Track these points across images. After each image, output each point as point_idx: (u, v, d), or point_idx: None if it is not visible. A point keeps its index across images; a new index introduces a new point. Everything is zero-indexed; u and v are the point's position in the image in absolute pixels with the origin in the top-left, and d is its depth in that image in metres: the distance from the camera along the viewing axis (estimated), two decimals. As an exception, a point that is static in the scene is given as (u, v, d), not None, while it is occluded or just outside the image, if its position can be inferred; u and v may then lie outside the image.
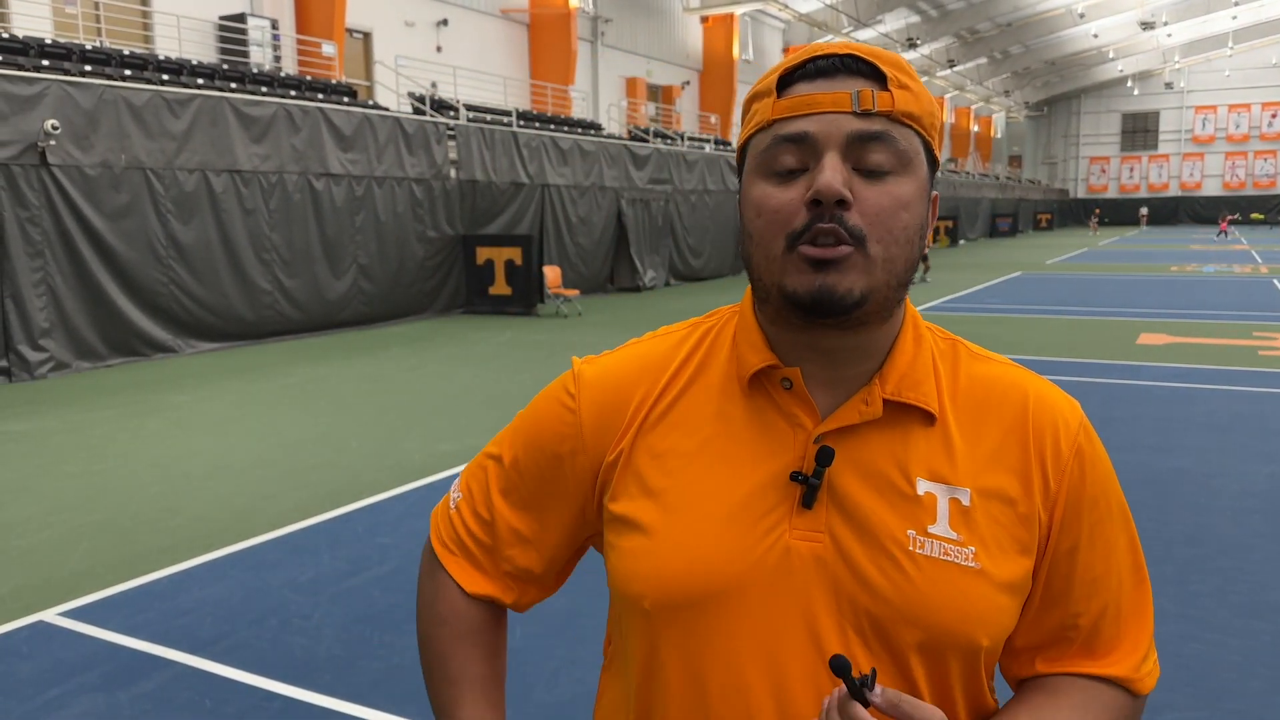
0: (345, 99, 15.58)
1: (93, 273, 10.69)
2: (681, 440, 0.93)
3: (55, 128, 10.07)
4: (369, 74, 20.06)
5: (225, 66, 14.53)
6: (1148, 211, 63.03)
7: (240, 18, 16.41)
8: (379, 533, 5.05)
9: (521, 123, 19.48)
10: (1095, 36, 50.71)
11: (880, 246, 0.83)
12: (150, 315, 11.31)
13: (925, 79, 49.41)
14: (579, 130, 21.24)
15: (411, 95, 18.24)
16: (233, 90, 13.49)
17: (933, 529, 0.86)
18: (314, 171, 13.27)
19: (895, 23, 40.90)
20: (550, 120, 21.20)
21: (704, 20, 32.24)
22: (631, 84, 28.55)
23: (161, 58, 13.59)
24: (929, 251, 20.70)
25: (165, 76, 12.82)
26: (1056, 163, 69.29)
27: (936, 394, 0.90)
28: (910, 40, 40.64)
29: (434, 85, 19.91)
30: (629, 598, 0.93)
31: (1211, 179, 63.84)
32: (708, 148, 25.11)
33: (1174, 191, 64.95)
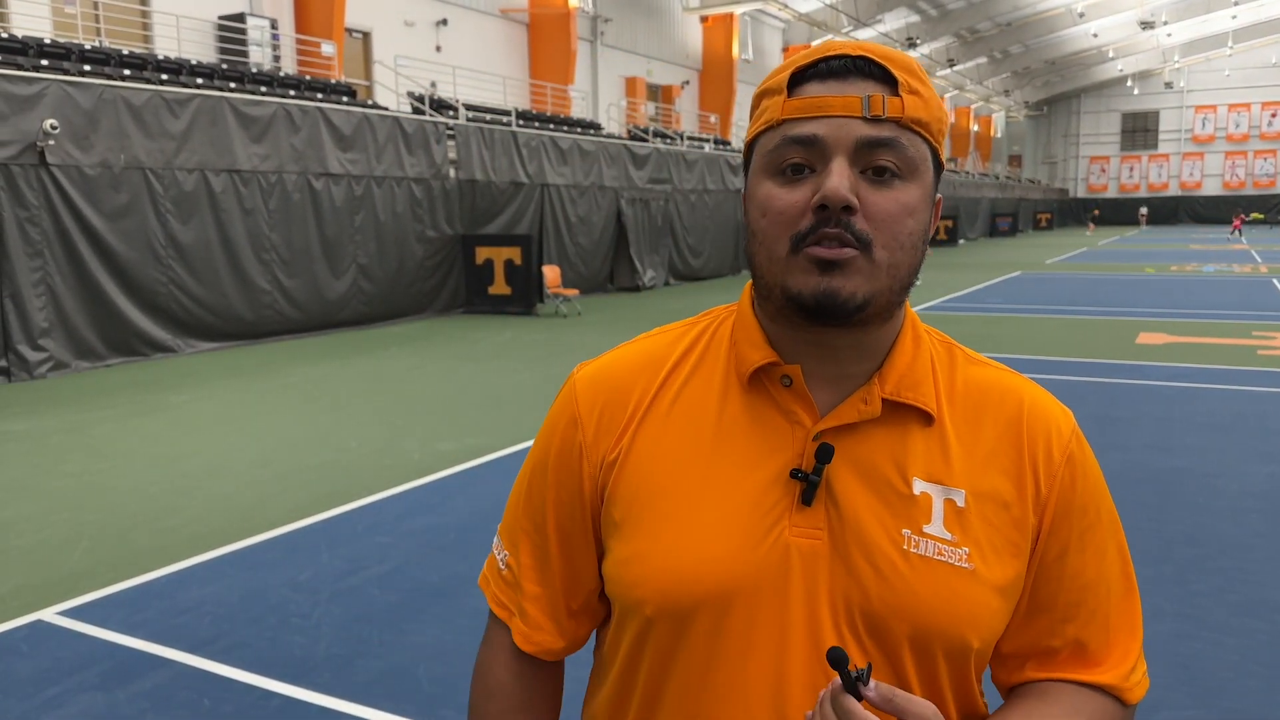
0: (345, 99, 15.59)
1: (92, 272, 10.69)
2: (680, 438, 0.92)
3: (54, 127, 10.07)
4: (368, 74, 20.06)
5: (224, 66, 14.53)
6: (1147, 211, 63.02)
7: (239, 17, 16.41)
8: (378, 532, 5.05)
9: (521, 122, 19.48)
10: (1095, 36, 50.70)
11: (886, 252, 0.84)
12: (149, 315, 11.31)
13: (925, 79, 49.51)
14: (578, 130, 21.24)
15: (411, 95, 18.24)
16: (232, 90, 13.49)
17: (928, 529, 0.87)
18: (313, 171, 13.27)
19: (895, 22, 40.90)
20: (550, 120, 21.21)
21: (704, 20, 32.23)
22: (631, 84, 28.55)
23: (161, 57, 13.60)
24: None
25: (164, 76, 12.82)
26: (1056, 162, 69.29)
27: (935, 395, 0.91)
28: (910, 40, 40.65)
29: (433, 85, 19.91)
30: (630, 604, 0.92)
31: (1211, 178, 63.83)
32: (707, 147, 25.12)
33: (1174, 191, 64.94)
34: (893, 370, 0.90)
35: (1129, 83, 63.83)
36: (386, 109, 15.96)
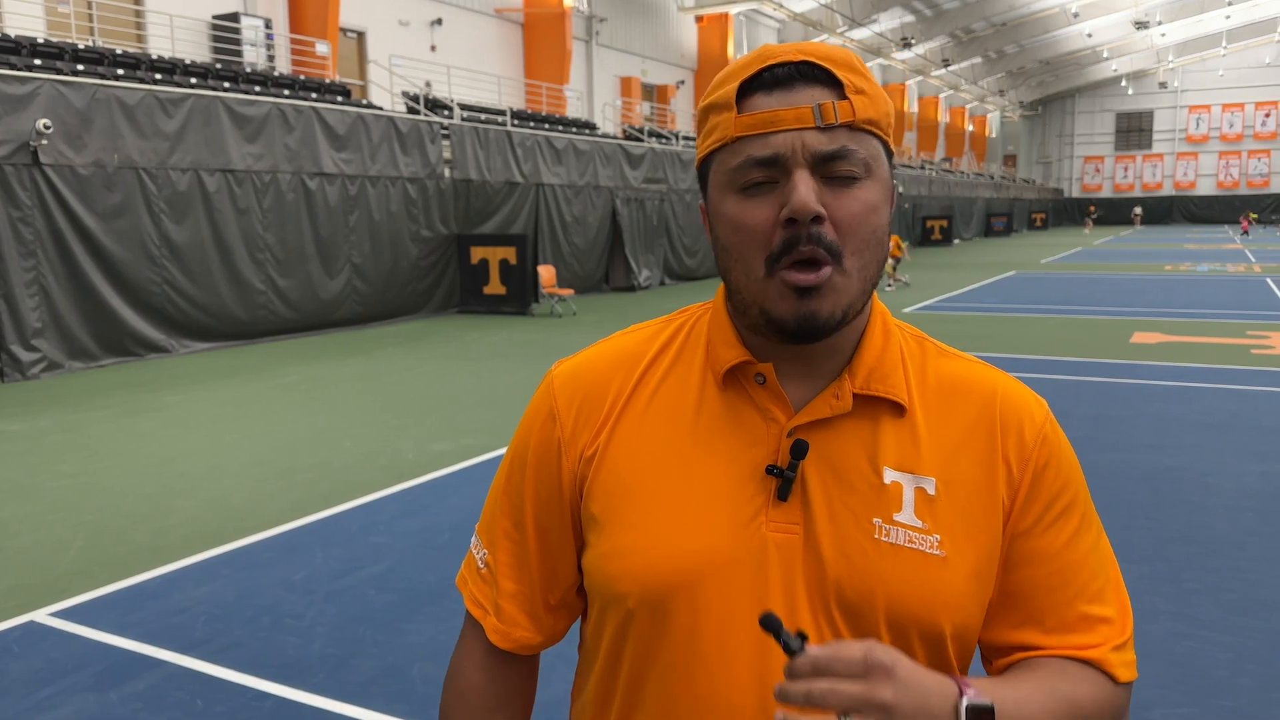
0: (339, 98, 15.56)
1: (85, 273, 10.66)
2: (658, 434, 0.94)
3: (47, 127, 10.04)
4: (363, 73, 20.03)
5: (219, 66, 14.50)
6: (1142, 211, 63.19)
7: (234, 17, 16.38)
8: (373, 532, 5.04)
9: (516, 122, 19.47)
10: (1089, 36, 50.82)
11: (855, 258, 0.86)
12: (143, 315, 11.28)
13: (919, 78, 49.58)
14: (574, 129, 21.23)
15: (406, 95, 18.22)
16: (226, 90, 13.46)
17: (898, 517, 0.88)
18: (308, 171, 13.25)
19: (890, 22, 40.95)
20: (545, 119, 21.20)
21: (699, 20, 32.25)
22: (626, 83, 28.55)
23: (154, 57, 13.57)
24: (902, 259, 20.59)
25: (158, 76, 12.79)
26: (1051, 162, 69.42)
27: (905, 386, 0.92)
28: (905, 39, 40.70)
29: (428, 84, 19.89)
30: (612, 597, 0.93)
31: (1206, 178, 64.00)
32: (703, 147, 25.11)
33: (1168, 191, 65.10)
34: (862, 364, 0.92)
35: (1123, 83, 63.98)
36: (381, 109, 15.94)
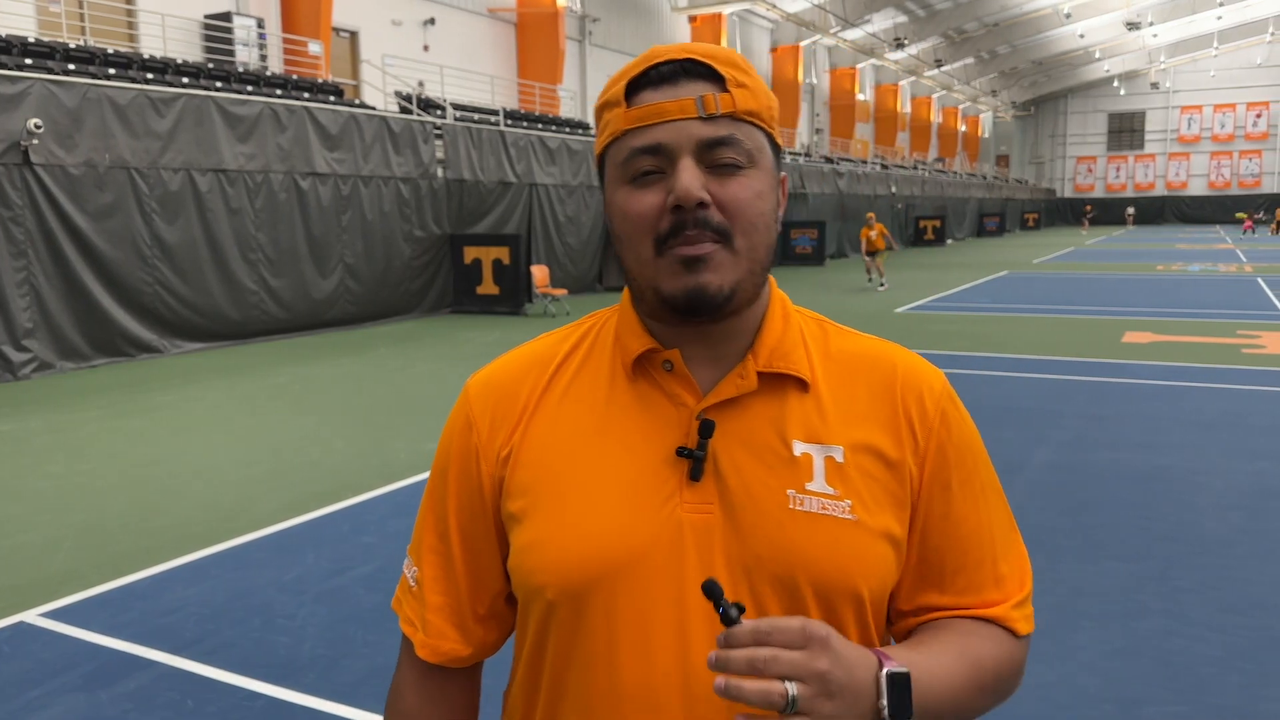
0: (332, 98, 15.54)
1: (77, 273, 10.63)
2: (571, 428, 0.96)
3: (38, 126, 10.01)
4: (356, 73, 20.00)
5: (210, 65, 14.47)
6: (1134, 211, 63.40)
7: (226, 16, 16.35)
8: (364, 532, 5.04)
9: (509, 122, 19.46)
10: (1081, 37, 50.97)
11: (743, 239, 0.90)
12: (135, 315, 11.25)
13: (912, 79, 49.67)
14: (567, 129, 21.23)
15: (398, 94, 18.20)
16: (218, 89, 13.43)
17: (810, 486, 0.91)
18: (300, 171, 13.22)
19: (883, 22, 41.02)
20: (538, 119, 21.19)
21: (692, 20, 32.26)
22: (619, 83, 28.53)
23: (146, 56, 13.53)
24: (884, 259, 20.37)
25: (150, 75, 12.76)
26: (1044, 162, 69.60)
27: (807, 364, 0.96)
28: (898, 40, 40.77)
29: (421, 84, 19.87)
30: (532, 590, 0.94)
31: (1197, 178, 64.22)
32: (696, 147, 25.13)
33: (1160, 191, 65.31)
34: (764, 345, 0.95)
35: (1115, 83, 64.17)
36: (374, 108, 15.92)
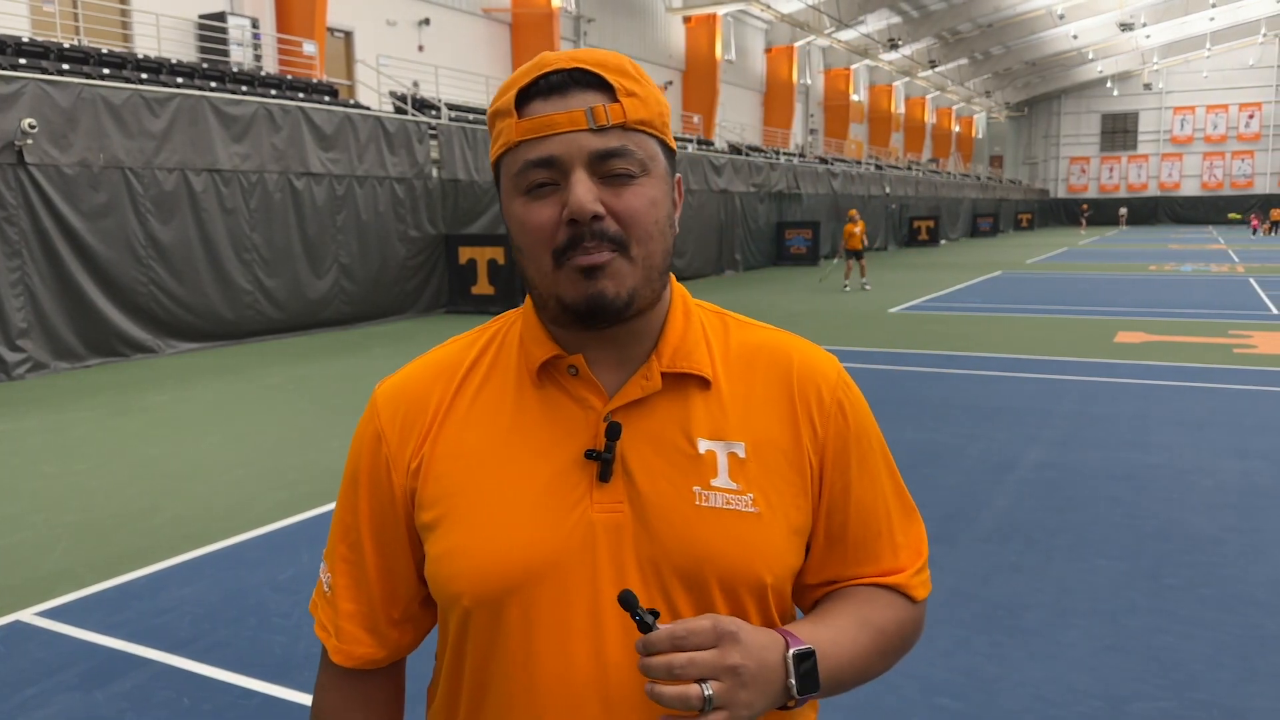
0: (326, 98, 15.53)
1: (71, 273, 10.62)
2: (480, 436, 0.97)
3: (32, 126, 10.00)
4: (350, 73, 19.99)
5: (205, 65, 14.46)
6: (1127, 211, 63.55)
7: (220, 16, 16.33)
8: (359, 531, 5.04)
9: (504, 122, 19.43)
10: (1075, 38, 51.09)
11: (640, 247, 0.91)
12: (129, 315, 11.24)
13: (906, 79, 49.75)
14: (561, 130, 21.17)
15: (393, 94, 18.20)
16: (212, 89, 13.42)
17: (715, 482, 0.94)
18: (295, 171, 13.22)
19: (877, 23, 41.09)
20: (533, 120, 21.13)
21: (687, 20, 32.29)
22: (614, 84, 28.53)
23: (140, 56, 13.52)
24: (865, 259, 20.12)
25: (144, 75, 12.75)
26: (1037, 163, 69.75)
27: (709, 361, 0.98)
28: (892, 41, 40.85)
29: (415, 85, 19.86)
30: (449, 597, 0.96)
31: (1190, 179, 64.42)
32: (690, 148, 25.16)
33: (1153, 191, 65.50)
34: (667, 346, 0.97)
35: (1108, 84, 64.35)
36: (369, 108, 15.91)
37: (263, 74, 15.42)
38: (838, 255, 19.76)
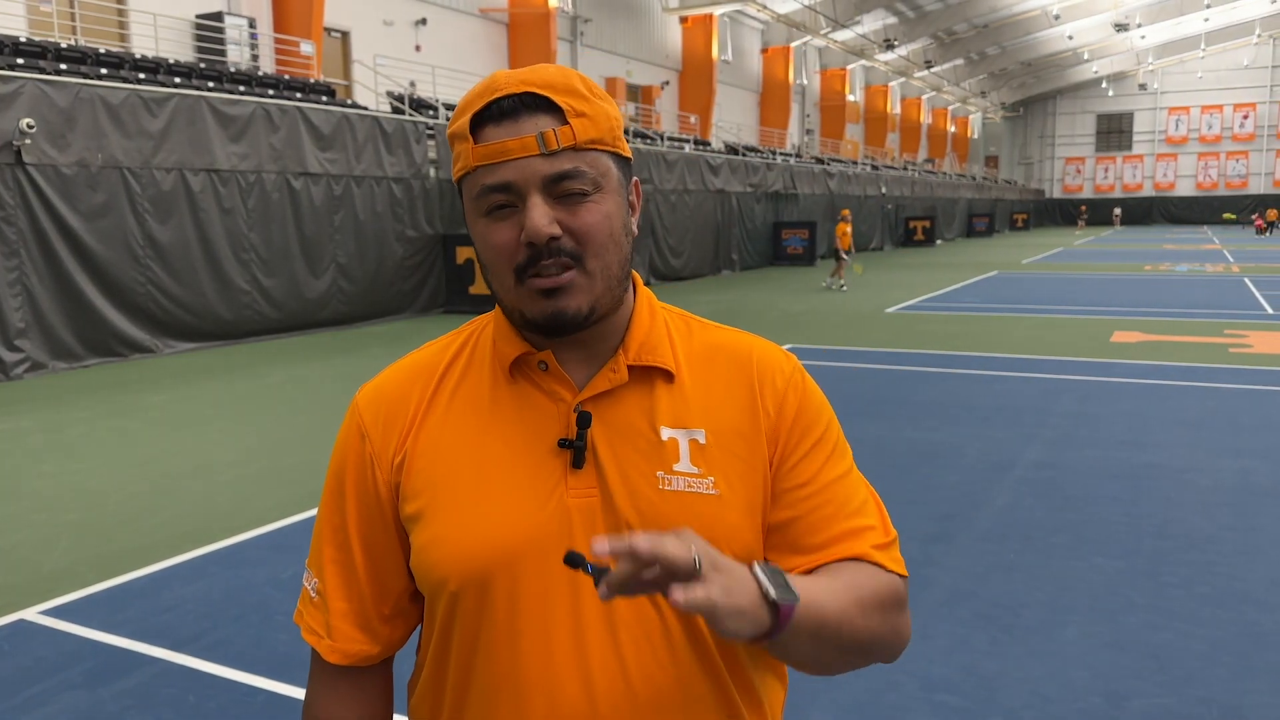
0: (324, 98, 15.53)
1: (69, 272, 10.62)
2: (459, 431, 1.02)
3: (30, 126, 10.00)
4: (347, 73, 19.99)
5: (202, 65, 14.45)
6: (1121, 212, 63.69)
7: (217, 16, 16.33)
8: (360, 530, 5.06)
9: (501, 122, 19.43)
10: (1070, 38, 51.18)
11: (596, 260, 0.96)
12: (127, 315, 11.24)
13: (902, 80, 49.83)
14: (558, 130, 21.17)
15: (390, 94, 18.20)
16: (210, 89, 13.42)
17: (677, 467, 1.00)
18: (292, 171, 13.22)
19: (873, 24, 41.14)
20: (530, 120, 21.13)
21: (683, 21, 32.31)
22: (611, 84, 28.58)
23: (138, 56, 13.51)
24: (848, 263, 20.00)
25: (142, 75, 12.75)
26: (1032, 163, 69.88)
27: (672, 356, 1.04)
28: (888, 41, 40.90)
29: (413, 84, 19.87)
30: (434, 585, 1.00)
31: (1185, 179, 64.57)
32: (687, 148, 25.19)
33: (1148, 191, 65.65)
34: (633, 341, 1.03)
35: (1104, 84, 64.48)
36: (366, 108, 15.92)
37: (260, 74, 15.42)
38: (849, 253, 19.69)
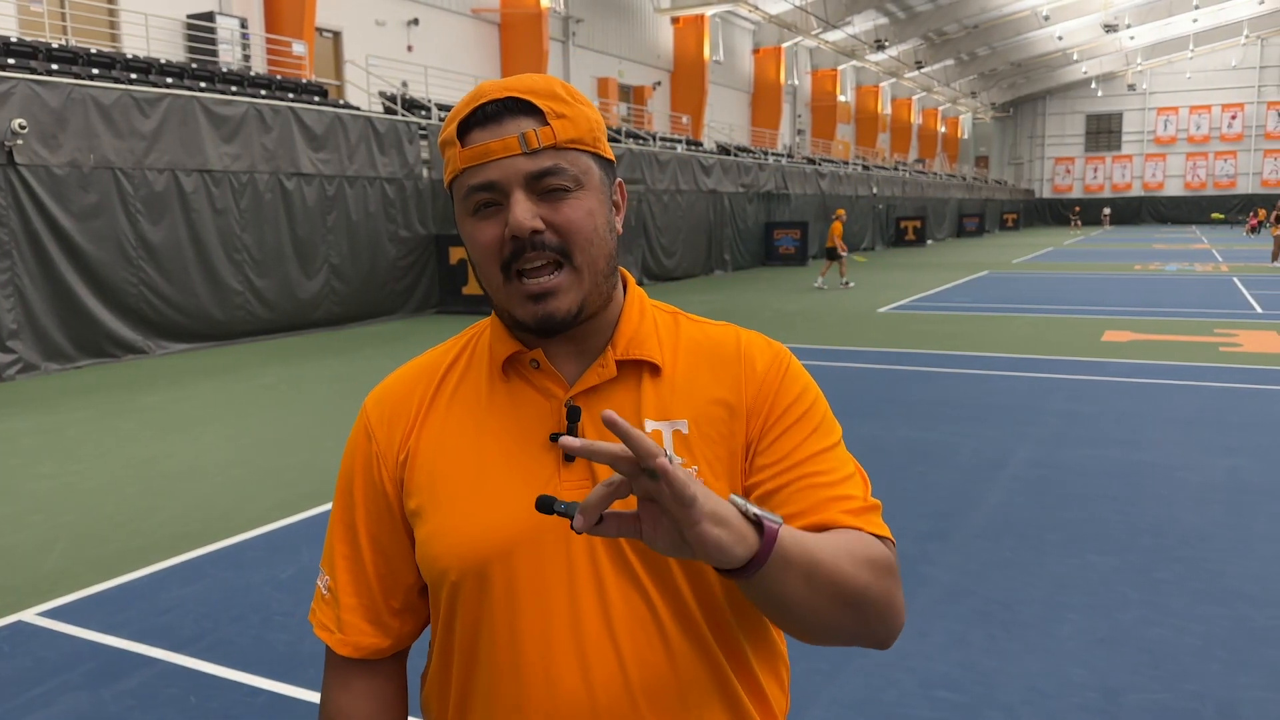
0: (316, 98, 15.51)
1: (61, 273, 10.59)
2: (458, 429, 1.07)
3: (22, 126, 9.96)
4: (339, 73, 19.95)
5: (194, 66, 14.42)
6: (1110, 211, 63.95)
7: (209, 16, 16.28)
8: (358, 531, 5.06)
9: (493, 123, 19.42)
10: (1060, 39, 51.39)
11: (582, 254, 1.00)
12: (120, 316, 11.21)
13: (893, 80, 49.95)
14: (551, 130, 21.16)
15: (383, 95, 18.17)
16: (202, 90, 13.39)
17: None
18: (285, 171, 13.21)
19: (864, 24, 41.24)
20: (522, 120, 21.11)
21: (675, 21, 32.34)
22: (603, 84, 28.59)
23: (129, 56, 13.47)
24: (846, 259, 20.09)
25: (134, 76, 12.71)
26: (1022, 163, 70.11)
27: (659, 351, 1.07)
28: (879, 42, 41.00)
29: (405, 85, 19.84)
30: (438, 574, 1.05)
31: (1173, 179, 64.87)
32: (679, 148, 25.21)
33: (1137, 191, 65.93)
34: (622, 337, 1.06)
35: (1093, 85, 64.74)
36: (358, 109, 15.90)
37: (252, 74, 15.39)
38: (843, 252, 19.65)
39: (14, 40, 11.99)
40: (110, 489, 5.91)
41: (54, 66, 11.78)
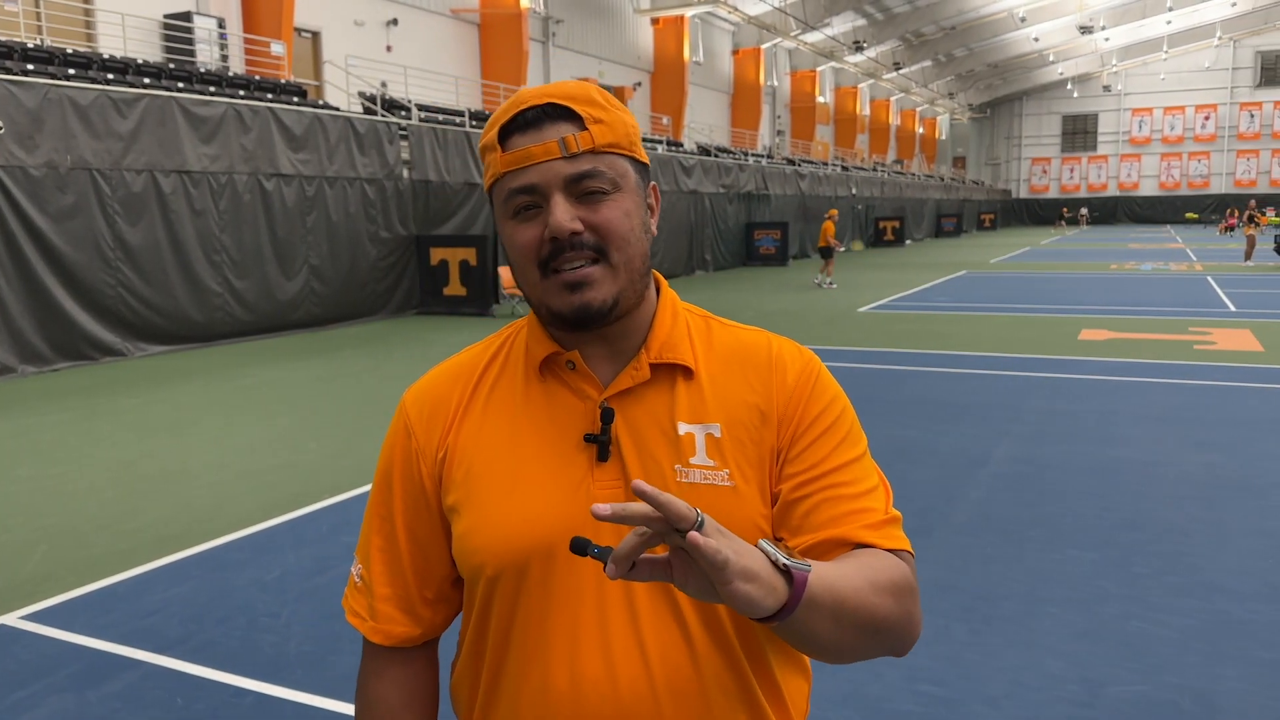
0: (295, 99, 15.43)
1: (38, 275, 10.49)
2: (495, 427, 1.09)
3: (-2, 127, 9.87)
4: (318, 74, 19.85)
5: (172, 66, 14.31)
6: (1087, 211, 64.54)
7: (186, 16, 16.16)
8: (343, 532, 5.07)
9: (474, 123, 19.42)
10: (1036, 40, 51.81)
11: (618, 253, 1.03)
12: (97, 318, 11.11)
13: (871, 81, 50.20)
14: (531, 131, 21.14)
15: (362, 95, 18.10)
16: (180, 90, 13.29)
17: (693, 460, 1.05)
18: (264, 172, 13.13)
19: (842, 26, 41.42)
20: (502, 121, 21.09)
21: (655, 22, 32.37)
22: (583, 85, 28.54)
23: (106, 57, 13.36)
24: (836, 254, 20.46)
25: (110, 76, 12.60)
26: (999, 164, 70.61)
27: (692, 354, 1.10)
28: (857, 43, 41.20)
29: (384, 85, 19.77)
30: (474, 569, 1.07)
31: (1148, 179, 65.52)
32: (660, 148, 25.24)
33: (1113, 191, 66.55)
34: (655, 340, 1.09)
35: (1069, 86, 65.29)
36: (338, 109, 15.83)
37: (230, 74, 15.29)
38: (838, 249, 19.82)
39: (-12, 40, 11.86)
40: (91, 491, 5.86)
41: (30, 67, 11.66)
